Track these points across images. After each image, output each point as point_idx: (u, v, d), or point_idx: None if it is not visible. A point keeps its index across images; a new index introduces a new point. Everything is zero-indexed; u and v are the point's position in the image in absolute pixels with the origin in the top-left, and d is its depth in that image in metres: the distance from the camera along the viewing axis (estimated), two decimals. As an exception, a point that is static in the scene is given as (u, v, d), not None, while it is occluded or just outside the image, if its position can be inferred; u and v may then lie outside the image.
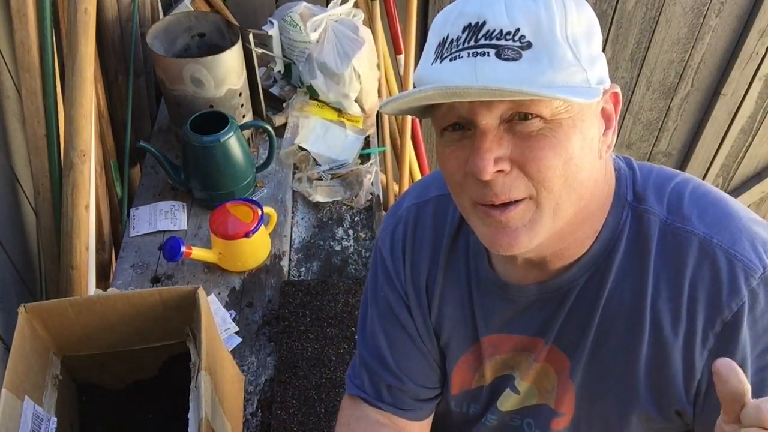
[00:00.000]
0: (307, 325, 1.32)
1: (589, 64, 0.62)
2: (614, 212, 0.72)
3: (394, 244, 0.88)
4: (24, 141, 1.48)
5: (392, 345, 0.88)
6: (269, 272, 1.44)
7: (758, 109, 2.51)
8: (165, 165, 1.52)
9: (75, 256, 1.38)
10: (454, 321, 0.84)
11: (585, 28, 0.63)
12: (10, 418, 0.83)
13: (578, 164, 0.63)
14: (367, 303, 0.92)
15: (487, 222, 0.66)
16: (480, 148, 0.62)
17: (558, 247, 0.71)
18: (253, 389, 1.24)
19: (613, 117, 0.68)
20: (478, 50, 0.60)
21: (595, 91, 0.62)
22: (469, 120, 0.63)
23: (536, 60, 0.59)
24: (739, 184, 2.84)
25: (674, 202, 0.71)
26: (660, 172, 0.75)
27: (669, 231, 0.69)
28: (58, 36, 1.48)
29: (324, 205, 1.61)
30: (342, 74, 1.69)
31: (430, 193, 0.87)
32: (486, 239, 0.68)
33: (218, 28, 1.65)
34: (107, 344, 1.04)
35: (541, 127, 0.62)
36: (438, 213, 0.85)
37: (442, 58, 0.63)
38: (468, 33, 0.61)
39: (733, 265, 0.66)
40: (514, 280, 0.77)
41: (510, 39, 0.60)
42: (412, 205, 0.88)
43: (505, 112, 0.62)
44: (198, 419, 0.87)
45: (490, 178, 0.62)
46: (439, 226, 0.85)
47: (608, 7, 2.16)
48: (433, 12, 2.13)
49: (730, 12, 2.22)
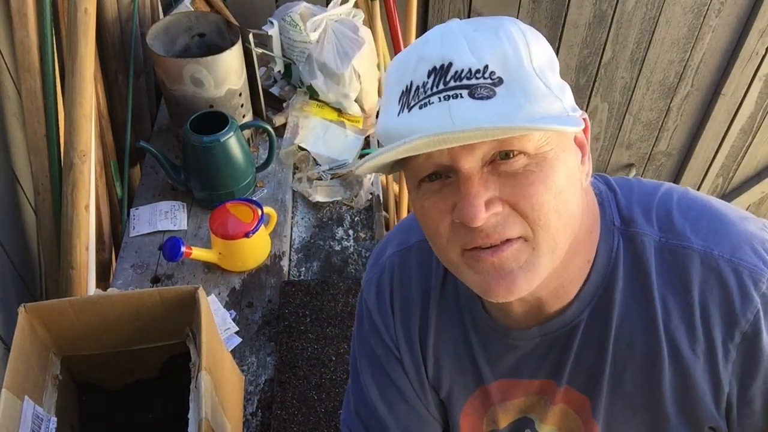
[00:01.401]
0: (307, 325, 1.32)
1: (560, 92, 0.61)
2: (605, 240, 0.69)
3: (380, 295, 0.83)
4: (24, 141, 1.48)
5: (383, 396, 0.84)
6: (269, 272, 1.44)
7: (758, 109, 2.51)
8: (165, 165, 1.52)
9: (75, 256, 1.38)
10: (453, 370, 0.81)
11: (547, 57, 0.61)
12: (10, 418, 0.84)
13: (567, 197, 0.61)
14: (356, 354, 0.88)
15: (478, 269, 0.62)
16: (468, 193, 0.59)
17: (553, 285, 0.68)
18: (253, 389, 1.24)
19: (585, 144, 0.66)
20: (450, 92, 0.57)
21: (576, 119, 0.61)
22: (449, 167, 0.60)
23: (511, 95, 0.57)
24: (739, 184, 2.84)
25: (663, 218, 0.68)
26: (641, 188, 0.72)
27: (666, 249, 0.67)
28: (58, 36, 1.48)
29: (324, 205, 1.61)
30: (342, 74, 1.69)
31: (411, 239, 0.83)
32: (480, 287, 0.63)
33: (218, 28, 1.65)
34: (107, 344, 1.04)
35: (527, 163, 0.59)
36: (422, 260, 0.81)
37: (410, 107, 0.59)
38: (434, 77, 0.58)
39: (739, 273, 0.65)
40: (513, 324, 0.74)
41: (480, 77, 0.57)
42: (394, 253, 0.84)
43: (487, 153, 0.59)
44: (198, 419, 0.87)
45: (482, 223, 0.58)
46: (425, 275, 0.80)
47: (608, 7, 2.16)
48: (434, 12, 2.13)
49: (730, 12, 2.21)
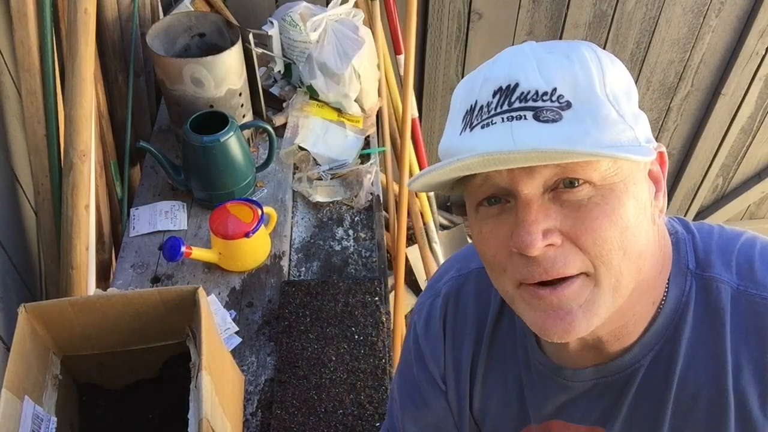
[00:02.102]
0: (307, 325, 1.32)
1: (633, 121, 0.57)
2: (676, 282, 0.65)
3: (431, 319, 0.81)
4: (24, 141, 1.48)
5: (416, 424, 0.83)
6: (269, 272, 1.44)
7: (758, 109, 2.51)
8: (165, 165, 1.52)
9: (75, 256, 1.38)
10: (500, 405, 0.78)
11: (624, 85, 0.58)
12: (10, 418, 0.84)
13: (635, 233, 0.57)
14: (397, 378, 0.87)
15: (535, 305, 0.59)
16: (525, 220, 0.56)
17: (616, 326, 0.64)
18: (253, 389, 1.24)
19: (661, 179, 0.63)
20: (513, 114, 0.55)
21: (648, 150, 0.57)
22: (508, 190, 0.57)
23: (579, 120, 0.54)
24: (739, 184, 2.84)
25: (744, 266, 0.64)
26: (722, 233, 0.68)
27: (743, 299, 0.62)
28: (58, 36, 1.48)
29: (324, 205, 1.61)
30: (342, 74, 1.69)
31: (471, 265, 0.80)
32: (536, 325, 0.60)
33: (218, 28, 1.65)
34: (107, 344, 1.04)
35: (592, 194, 0.56)
36: (480, 288, 0.78)
37: (471, 126, 0.57)
38: (500, 97, 0.56)
39: None
40: (568, 363, 0.70)
41: (548, 100, 0.54)
42: (452, 278, 0.81)
43: (549, 179, 0.56)
44: (198, 419, 0.87)
45: (538, 253, 0.55)
46: (482, 303, 0.77)
47: (608, 7, 2.16)
48: (434, 12, 2.13)
49: (730, 12, 2.22)
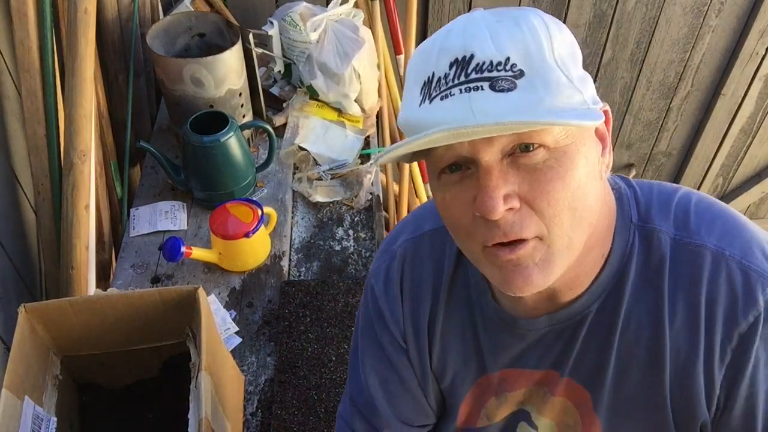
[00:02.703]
0: (307, 325, 1.32)
1: (581, 84, 0.61)
2: (621, 234, 0.69)
3: (389, 282, 0.84)
4: (24, 141, 1.48)
5: (383, 386, 0.85)
6: (269, 272, 1.44)
7: (758, 109, 2.51)
8: (165, 165, 1.52)
9: (75, 256, 1.38)
10: (458, 359, 0.81)
11: (569, 49, 0.61)
12: (10, 418, 0.84)
13: (585, 191, 0.61)
14: (358, 342, 0.88)
15: (497, 263, 0.63)
16: (487, 186, 0.59)
17: (567, 277, 0.68)
18: (253, 389, 1.24)
19: (606, 136, 0.67)
20: (471, 85, 0.57)
21: (596, 113, 0.61)
22: (469, 158, 0.60)
23: (532, 87, 0.57)
24: (739, 184, 2.84)
25: (681, 217, 0.69)
26: (661, 188, 0.73)
27: (680, 247, 0.67)
28: (58, 36, 1.48)
29: (324, 205, 1.61)
30: (342, 74, 1.69)
31: (424, 227, 0.83)
32: (499, 281, 0.64)
33: (218, 28, 1.65)
34: (107, 344, 1.04)
35: (546, 157, 0.59)
36: (434, 248, 0.81)
37: (431, 98, 0.60)
38: (456, 68, 0.58)
39: (747, 275, 0.64)
40: (522, 314, 0.74)
41: (502, 69, 0.57)
42: (407, 240, 0.84)
43: (507, 145, 0.59)
44: (198, 419, 0.87)
45: (500, 217, 0.59)
46: (437, 263, 0.81)
47: (608, 7, 2.16)
48: (434, 12, 2.13)
49: (730, 12, 2.22)
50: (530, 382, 0.77)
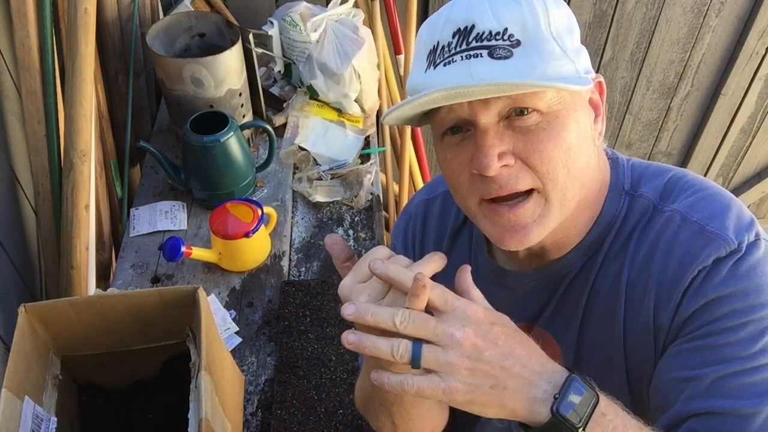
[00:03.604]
0: (307, 325, 1.32)
1: (575, 55, 0.66)
2: (612, 199, 0.74)
3: (407, 239, 0.92)
4: (24, 141, 1.48)
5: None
6: (269, 272, 1.44)
7: (758, 109, 2.51)
8: (165, 165, 1.52)
9: (75, 256, 1.38)
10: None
11: (565, 22, 0.66)
12: (10, 418, 0.83)
13: (577, 152, 0.66)
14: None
15: (495, 221, 0.68)
16: (483, 145, 0.65)
17: (559, 236, 0.73)
18: (253, 389, 1.24)
19: (600, 105, 0.72)
20: (471, 52, 0.63)
21: (586, 80, 0.66)
22: (468, 120, 0.66)
23: (527, 56, 0.63)
24: (739, 184, 2.84)
25: (668, 190, 0.73)
26: (659, 165, 0.77)
27: (656, 213, 0.72)
28: (58, 36, 1.48)
29: (324, 205, 1.61)
30: (342, 74, 1.69)
31: (438, 189, 0.91)
32: (495, 237, 0.69)
33: (218, 28, 1.65)
34: (107, 344, 1.04)
35: (539, 120, 0.65)
36: (445, 207, 0.89)
37: (435, 64, 0.66)
38: (458, 38, 0.64)
39: (706, 236, 0.67)
40: (513, 266, 0.80)
41: (500, 39, 0.63)
42: (422, 201, 0.93)
43: (503, 108, 0.64)
44: (198, 419, 0.86)
45: (495, 173, 0.64)
46: (443, 220, 0.89)
47: (608, 7, 2.16)
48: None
49: (730, 12, 2.21)
50: None
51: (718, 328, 0.65)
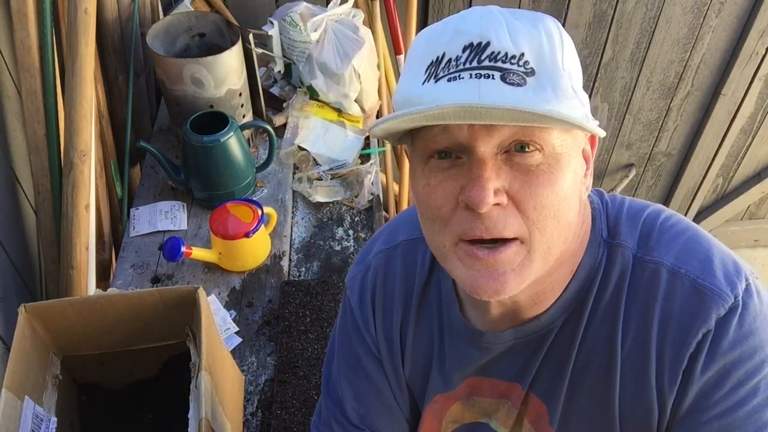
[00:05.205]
0: (307, 325, 1.32)
1: (584, 99, 0.61)
2: (591, 251, 0.69)
3: (363, 293, 0.84)
4: (24, 141, 1.48)
5: (358, 399, 0.84)
6: (269, 272, 1.44)
7: (758, 109, 2.51)
8: (165, 165, 1.52)
9: (75, 256, 1.38)
10: (426, 370, 0.81)
11: (576, 62, 0.61)
12: (10, 418, 0.83)
13: (569, 204, 0.61)
14: (334, 351, 0.88)
15: (470, 264, 0.61)
16: (480, 176, 0.57)
17: (535, 291, 0.67)
18: (253, 389, 1.24)
19: (590, 158, 0.66)
20: (482, 71, 0.56)
21: (596, 126, 0.60)
22: (463, 146, 0.59)
23: (541, 88, 0.57)
24: (739, 184, 2.84)
25: (645, 234, 0.68)
26: (632, 204, 0.72)
27: (639, 264, 0.67)
28: (58, 36, 1.48)
29: (324, 205, 1.61)
30: (342, 74, 1.69)
31: (398, 238, 0.83)
32: (468, 283, 0.62)
33: (218, 28, 1.65)
34: (107, 344, 1.04)
35: (540, 161, 0.59)
36: (407, 260, 0.81)
37: (437, 77, 0.58)
38: (470, 53, 0.57)
39: (700, 293, 0.63)
40: (488, 327, 0.73)
41: (515, 63, 0.57)
42: (381, 251, 0.83)
43: (506, 139, 0.58)
44: (198, 419, 0.87)
45: (487, 209, 0.57)
46: (409, 274, 0.80)
47: (608, 7, 2.16)
48: (434, 12, 2.13)
49: (730, 12, 2.21)
50: (495, 392, 0.77)
51: (738, 397, 0.63)
